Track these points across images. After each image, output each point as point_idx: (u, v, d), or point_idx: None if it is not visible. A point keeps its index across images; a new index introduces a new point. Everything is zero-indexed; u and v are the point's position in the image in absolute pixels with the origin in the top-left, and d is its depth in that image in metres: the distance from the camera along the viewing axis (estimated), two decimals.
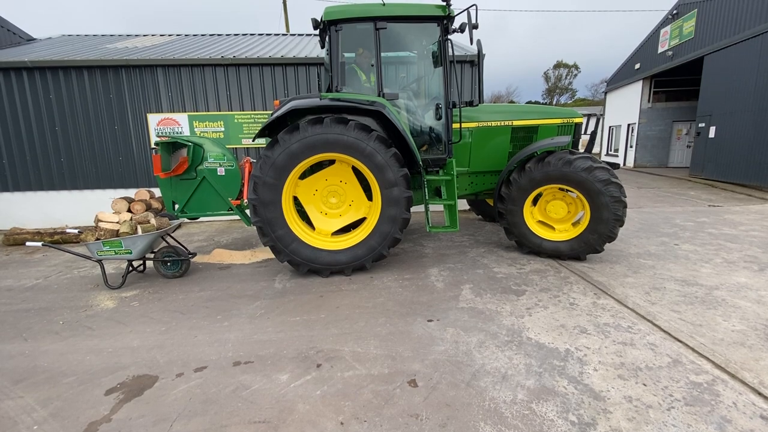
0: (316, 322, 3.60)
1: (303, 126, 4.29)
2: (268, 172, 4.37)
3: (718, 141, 12.26)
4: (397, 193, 4.51)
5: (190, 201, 5.47)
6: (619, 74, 20.12)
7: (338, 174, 4.79)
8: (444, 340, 3.20)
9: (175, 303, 4.19)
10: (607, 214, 4.63)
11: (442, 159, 5.02)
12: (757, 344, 2.96)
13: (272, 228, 4.50)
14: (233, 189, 5.42)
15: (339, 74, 4.63)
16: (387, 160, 4.40)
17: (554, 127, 5.56)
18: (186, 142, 5.35)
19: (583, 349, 3.00)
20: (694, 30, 13.97)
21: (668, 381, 2.58)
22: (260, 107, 7.96)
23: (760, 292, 3.88)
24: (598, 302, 3.79)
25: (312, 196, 4.84)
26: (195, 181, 5.40)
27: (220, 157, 5.35)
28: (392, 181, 4.47)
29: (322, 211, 4.89)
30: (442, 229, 4.95)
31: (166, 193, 5.47)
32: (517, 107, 6.22)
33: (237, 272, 5.09)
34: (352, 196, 4.85)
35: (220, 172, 5.34)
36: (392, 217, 4.58)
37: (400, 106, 5.07)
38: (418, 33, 5.06)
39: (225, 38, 10.77)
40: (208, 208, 5.51)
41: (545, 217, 5.14)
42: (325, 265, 4.64)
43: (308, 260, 4.61)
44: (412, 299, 4.02)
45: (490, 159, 5.51)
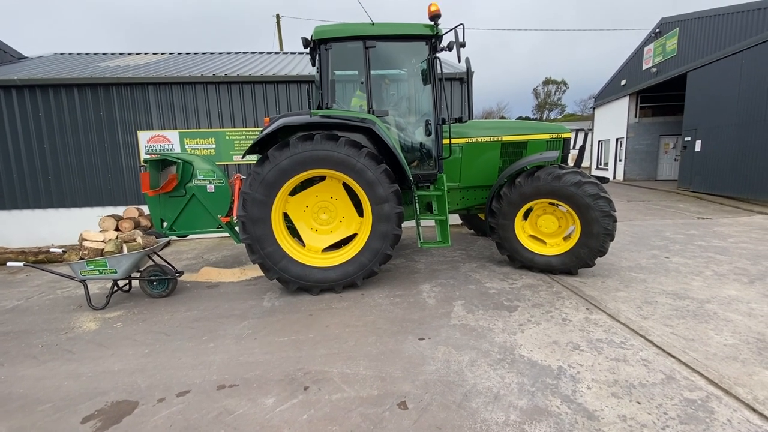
0: (304, 342, 3.52)
1: (293, 142, 4.29)
2: (258, 189, 4.33)
3: (705, 154, 12.50)
4: (388, 209, 4.49)
5: (179, 218, 5.41)
6: (606, 90, 20.60)
7: (329, 190, 4.77)
8: (435, 359, 3.13)
9: (160, 324, 4.07)
10: (597, 228, 4.64)
11: (432, 174, 5.04)
12: (750, 358, 2.93)
13: (261, 245, 4.44)
14: (223, 206, 5.38)
15: (329, 92, 4.66)
16: (377, 176, 4.40)
17: (543, 143, 5.64)
18: (175, 160, 5.32)
19: (576, 366, 2.95)
20: (676, 47, 14.41)
21: (662, 398, 2.53)
22: (252, 124, 7.98)
23: (751, 304, 3.88)
24: (591, 317, 3.76)
25: (302, 213, 4.80)
26: (184, 198, 5.35)
27: (210, 174, 5.32)
28: (383, 197, 4.46)
29: (313, 227, 4.84)
30: (433, 245, 4.92)
31: (155, 211, 5.41)
32: (507, 123, 6.31)
33: (225, 291, 4.99)
34: (343, 212, 4.82)
35: (210, 190, 5.30)
36: (383, 234, 4.55)
37: (390, 123, 5.10)
38: (407, 51, 5.13)
39: (218, 56, 10.88)
40: (198, 225, 5.44)
41: (536, 231, 5.15)
42: (315, 283, 4.58)
43: (298, 278, 4.54)
44: (403, 317, 3.95)
45: (481, 174, 5.56)
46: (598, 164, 22.31)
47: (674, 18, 14.66)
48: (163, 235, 5.27)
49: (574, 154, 5.93)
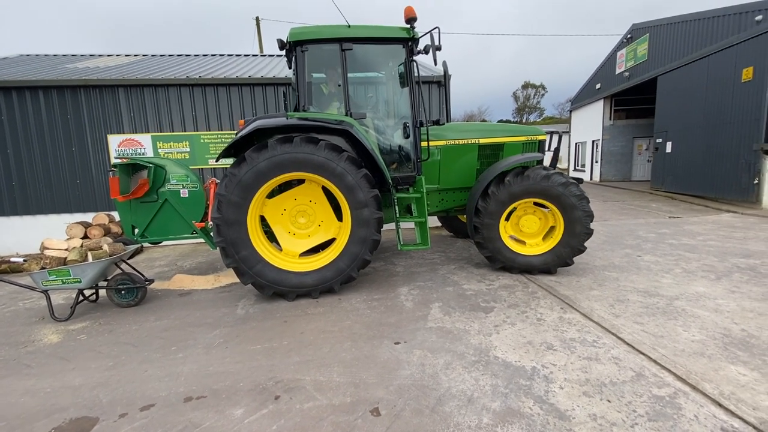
0: (277, 349, 3.43)
1: (272, 144, 4.19)
2: (234, 191, 4.21)
3: (675, 156, 12.94)
4: (368, 213, 4.44)
5: (152, 225, 5.24)
6: (582, 93, 21.15)
7: (308, 194, 4.68)
8: (410, 363, 3.10)
9: (128, 335, 3.91)
10: (579, 227, 4.76)
11: (411, 177, 5.03)
12: (716, 354, 3.00)
13: (236, 249, 4.32)
14: (197, 211, 5.23)
15: (306, 94, 4.59)
16: (357, 180, 4.34)
17: (519, 145, 5.71)
18: (146, 164, 5.16)
19: (550, 366, 2.96)
20: (647, 53, 14.91)
21: (632, 396, 2.56)
22: (227, 127, 7.83)
23: (718, 300, 3.99)
24: (565, 317, 3.80)
25: (280, 216, 4.70)
26: (156, 203, 5.17)
27: (183, 178, 5.16)
28: (363, 202, 4.40)
29: (290, 231, 4.75)
30: (413, 247, 4.89)
31: (126, 217, 5.22)
32: (484, 125, 6.37)
33: (198, 299, 4.84)
34: (322, 216, 4.75)
35: (184, 194, 5.14)
36: (362, 239, 4.49)
37: (368, 126, 5.06)
38: (384, 54, 5.11)
39: (193, 58, 10.65)
40: (171, 231, 5.27)
41: (517, 231, 5.18)
42: (292, 288, 4.48)
43: (274, 282, 4.43)
44: (380, 321, 3.91)
45: (460, 176, 5.59)
46: (576, 166, 22.84)
47: (644, 24, 15.17)
48: (134, 242, 5.09)
49: (548, 156, 6.02)
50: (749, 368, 2.79)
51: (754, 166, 9.68)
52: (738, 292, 4.20)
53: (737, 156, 10.23)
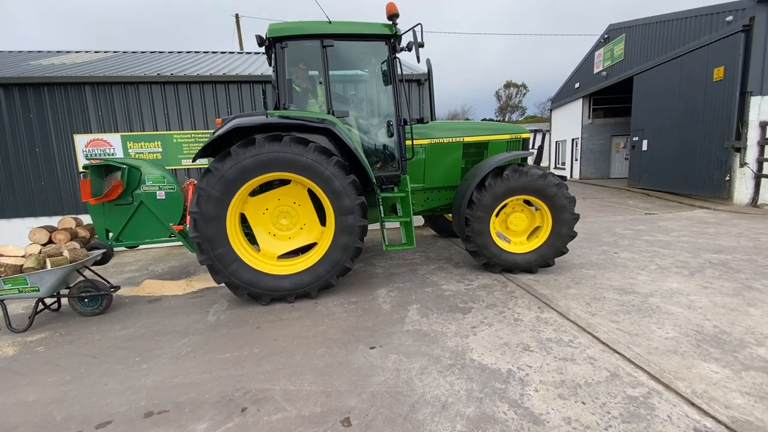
0: (248, 358, 3.29)
1: (260, 141, 4.05)
2: (216, 186, 4.04)
3: (651, 153, 13.23)
4: (352, 221, 4.33)
5: (127, 228, 5.02)
6: (562, 93, 21.46)
7: (292, 195, 4.54)
8: (385, 368, 3.01)
9: (89, 345, 3.71)
10: (566, 229, 4.81)
11: (396, 176, 4.95)
12: (689, 351, 3.01)
13: (212, 246, 4.14)
14: (174, 214, 5.02)
15: (286, 92, 4.46)
16: (345, 186, 4.24)
17: (503, 143, 5.69)
18: (119, 165, 4.93)
19: (525, 368, 2.91)
20: (623, 52, 15.20)
21: (606, 397, 2.53)
22: (201, 126, 7.59)
23: (690, 297, 4.03)
24: (542, 316, 3.77)
25: (261, 215, 4.54)
26: (131, 206, 4.96)
27: (160, 179, 4.96)
28: (348, 208, 4.29)
29: (271, 232, 4.59)
30: (399, 247, 4.80)
31: (99, 221, 4.99)
32: (468, 124, 6.32)
33: (168, 305, 4.65)
34: (305, 219, 4.61)
35: (160, 196, 4.94)
36: (344, 246, 4.38)
37: (351, 124, 4.96)
38: (366, 51, 5.00)
39: (166, 56, 10.32)
40: (147, 234, 5.06)
41: (504, 229, 5.12)
42: (267, 291, 4.33)
43: (248, 284, 4.26)
44: (356, 325, 3.81)
45: (444, 174, 5.51)
46: (556, 164, 23.19)
47: (621, 24, 15.46)
48: (108, 246, 4.85)
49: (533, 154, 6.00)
50: (721, 365, 2.80)
51: (725, 163, 9.95)
52: (710, 287, 4.26)
53: (709, 153, 10.50)
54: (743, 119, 9.60)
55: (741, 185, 9.76)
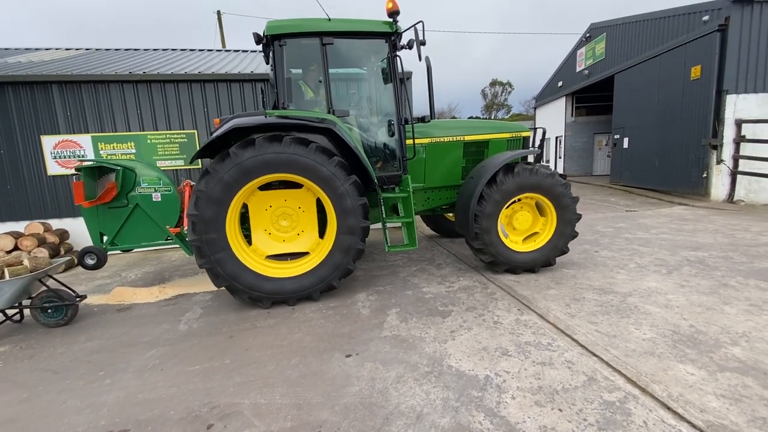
0: (218, 369, 3.16)
1: (259, 142, 3.95)
2: (214, 188, 3.93)
3: (632, 151, 13.42)
4: (354, 222, 4.25)
5: (122, 231, 4.86)
6: (546, 91, 21.65)
7: (300, 200, 4.46)
8: (360, 378, 2.91)
9: (51, 359, 3.52)
10: (569, 229, 4.84)
11: (397, 176, 4.87)
12: (666, 352, 3.00)
13: (212, 249, 4.02)
14: (171, 216, 4.89)
15: (285, 91, 4.34)
16: (347, 187, 4.16)
17: (504, 141, 5.66)
18: (114, 166, 4.78)
19: (503, 374, 2.85)
20: (604, 51, 15.37)
21: (583, 403, 2.48)
22: (176, 126, 7.36)
23: (668, 296, 4.05)
24: (521, 318, 3.73)
25: (263, 210, 4.42)
26: (126, 209, 4.81)
27: (155, 181, 4.82)
28: (350, 209, 4.22)
29: (267, 229, 4.47)
30: (401, 248, 4.70)
31: (92, 225, 4.83)
32: (468, 123, 6.22)
33: (138, 314, 4.47)
34: (305, 226, 4.52)
35: (156, 198, 4.81)
36: (347, 248, 4.31)
37: (351, 123, 4.85)
38: (366, 49, 4.88)
39: (142, 53, 10.00)
40: (143, 238, 4.92)
41: (508, 227, 5.04)
42: (268, 294, 4.23)
43: (250, 287, 4.17)
44: (333, 331, 3.70)
45: (445, 174, 5.45)
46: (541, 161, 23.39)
47: (602, 24, 15.63)
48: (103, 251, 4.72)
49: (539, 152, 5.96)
50: (697, 366, 2.79)
51: (703, 161, 10.13)
52: (687, 286, 4.29)
53: (688, 151, 10.68)
54: (719, 117, 9.79)
55: (718, 182, 9.96)
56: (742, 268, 4.76)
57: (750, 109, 9.71)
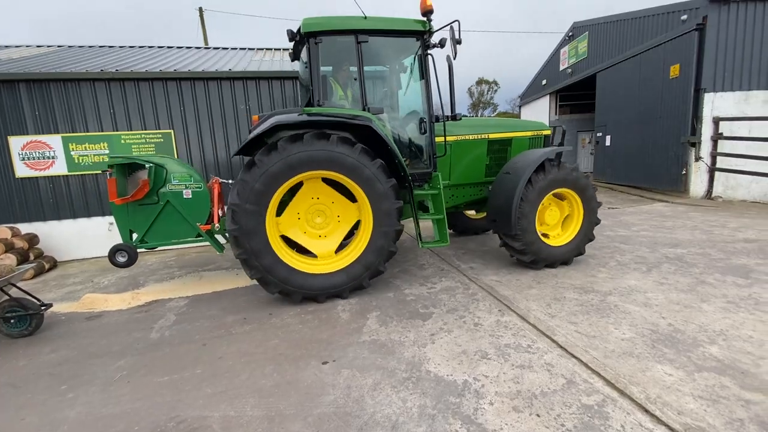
0: (188, 380, 3.03)
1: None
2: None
3: (614, 149, 13.58)
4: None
5: (152, 229, 4.77)
6: (530, 89, 21.80)
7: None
8: (336, 386, 2.82)
9: (12, 372, 3.34)
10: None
11: (427, 173, 4.89)
12: (644, 353, 2.98)
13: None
14: (202, 213, 4.81)
15: (320, 88, 4.36)
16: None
17: (526, 140, 5.73)
18: (145, 162, 4.71)
19: (482, 378, 2.80)
20: (587, 50, 15.53)
21: (561, 407, 2.44)
22: (152, 126, 7.12)
23: (647, 294, 4.05)
24: (502, 320, 3.69)
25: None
26: (157, 206, 4.72)
27: (186, 178, 4.75)
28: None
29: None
30: (434, 244, 4.71)
31: (123, 222, 4.74)
32: (492, 121, 6.24)
33: (108, 322, 4.29)
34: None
35: (187, 195, 4.74)
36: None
37: (384, 121, 4.81)
38: (396, 47, 4.88)
39: (117, 50, 9.69)
40: (173, 235, 4.85)
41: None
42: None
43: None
44: (310, 337, 3.60)
45: (469, 171, 5.51)
46: None
47: (584, 23, 15.78)
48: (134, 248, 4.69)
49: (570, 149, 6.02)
50: (675, 367, 2.78)
51: (682, 158, 10.29)
52: (666, 283, 4.31)
53: (667, 148, 10.85)
54: (698, 115, 9.95)
55: (696, 179, 10.13)
56: (720, 264, 4.81)
57: (727, 107, 9.90)
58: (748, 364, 2.76)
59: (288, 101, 7.62)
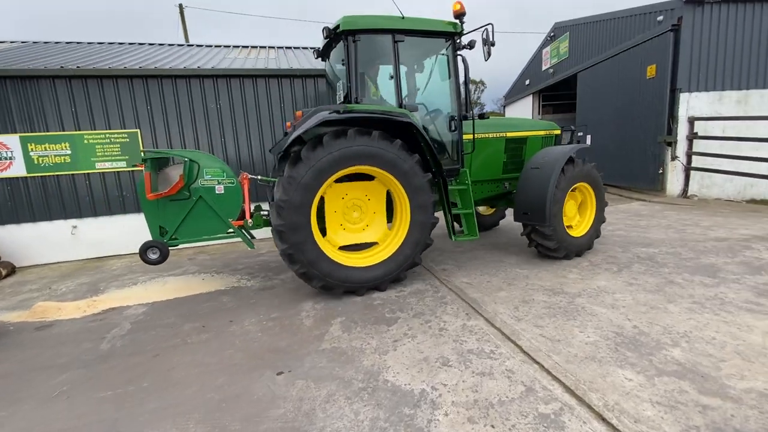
0: (133, 394, 2.86)
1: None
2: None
3: (594, 148, 13.67)
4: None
5: (183, 225, 4.61)
6: (514, 89, 21.91)
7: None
8: (287, 398, 2.69)
9: None
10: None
11: (455, 169, 5.07)
12: (606, 357, 2.92)
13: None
14: (234, 208, 4.70)
15: (358, 85, 4.49)
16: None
17: (539, 139, 6.00)
18: (180, 157, 4.64)
19: (440, 387, 2.69)
20: (568, 50, 15.64)
21: (517, 417, 2.35)
22: (117, 125, 6.85)
23: (615, 295, 4.01)
24: (468, 324, 3.59)
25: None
26: (188, 201, 4.57)
27: (219, 173, 4.64)
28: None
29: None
30: (465, 238, 4.91)
31: (153, 218, 4.58)
32: (508, 120, 6.42)
33: (59, 332, 4.07)
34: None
35: (219, 191, 4.63)
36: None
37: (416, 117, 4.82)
38: (425, 47, 4.95)
39: (85, 46, 9.33)
40: (205, 231, 4.72)
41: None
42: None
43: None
44: (269, 346, 3.45)
45: (488, 168, 5.70)
46: None
47: (565, 23, 15.89)
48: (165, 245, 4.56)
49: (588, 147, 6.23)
50: (635, 371, 2.72)
51: (659, 157, 10.41)
52: (635, 284, 4.28)
53: (645, 148, 10.96)
54: (674, 115, 10.07)
55: (673, 178, 10.25)
56: (689, 264, 4.81)
57: (702, 107, 10.03)
58: (709, 367, 2.71)
59: (260, 100, 7.43)
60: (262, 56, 9.28)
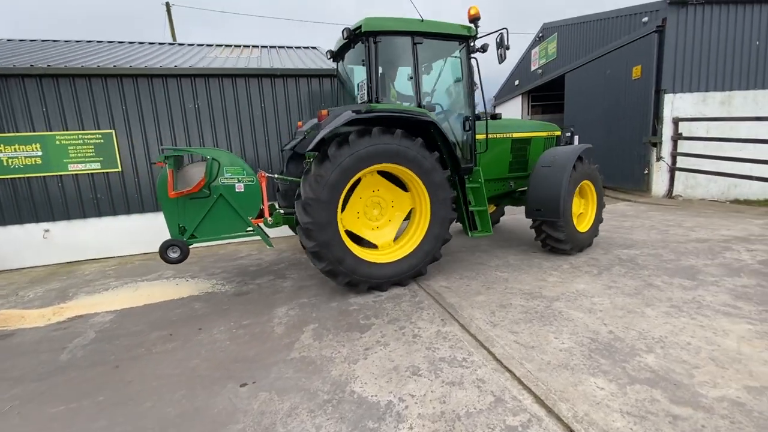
0: (85, 410, 2.71)
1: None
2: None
3: None
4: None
5: (203, 223, 4.55)
6: (504, 90, 21.94)
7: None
8: (248, 412, 2.57)
9: None
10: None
11: (469, 168, 5.18)
12: (580, 364, 2.84)
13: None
14: (253, 207, 4.66)
15: (378, 85, 4.56)
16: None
17: (542, 139, 6.23)
18: (202, 155, 4.66)
19: (407, 398, 2.60)
20: (556, 51, 15.67)
21: (484, 430, 2.26)
22: (91, 126, 6.65)
23: (593, 299, 3.95)
24: (443, 330, 3.50)
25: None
26: (209, 200, 4.51)
27: (239, 171, 4.60)
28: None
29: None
30: (479, 234, 5.03)
31: (173, 217, 4.49)
32: (513, 122, 6.55)
33: (20, 341, 3.90)
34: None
35: (239, 189, 4.58)
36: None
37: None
38: (439, 49, 5.05)
39: (62, 44, 9.09)
40: (224, 230, 4.67)
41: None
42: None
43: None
44: (236, 355, 3.33)
45: (496, 168, 5.87)
46: None
47: (553, 24, 15.92)
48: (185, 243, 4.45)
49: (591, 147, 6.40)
50: (608, 379, 2.65)
51: (644, 158, 10.45)
52: (614, 287, 4.22)
53: (631, 148, 10.99)
54: (658, 116, 10.10)
55: (658, 178, 10.29)
56: (669, 266, 4.78)
57: (686, 108, 10.08)
58: (682, 374, 2.65)
59: (240, 100, 7.28)
60: (244, 55, 9.12)
